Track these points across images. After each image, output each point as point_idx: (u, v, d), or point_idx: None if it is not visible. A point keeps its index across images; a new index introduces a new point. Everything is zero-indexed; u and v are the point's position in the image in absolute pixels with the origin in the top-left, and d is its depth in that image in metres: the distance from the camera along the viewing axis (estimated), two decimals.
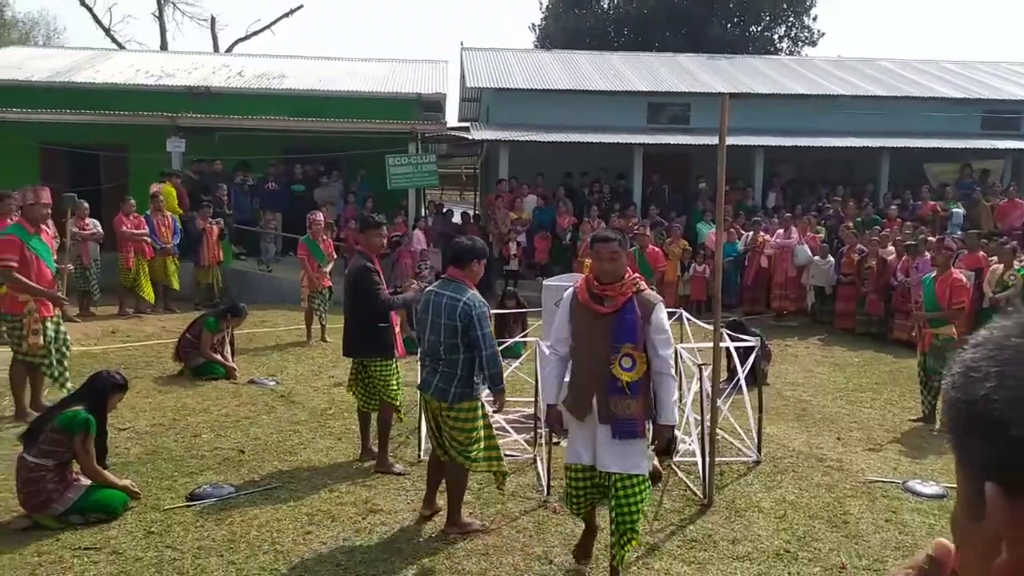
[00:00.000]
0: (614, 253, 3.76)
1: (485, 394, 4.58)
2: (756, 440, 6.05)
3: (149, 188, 12.65)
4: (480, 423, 4.47)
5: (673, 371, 3.83)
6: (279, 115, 15.66)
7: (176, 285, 12.08)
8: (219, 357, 8.10)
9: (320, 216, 10.62)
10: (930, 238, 11.47)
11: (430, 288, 4.58)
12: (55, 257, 6.70)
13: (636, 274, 3.88)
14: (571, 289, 3.95)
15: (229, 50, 31.52)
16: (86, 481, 4.60)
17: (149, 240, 11.63)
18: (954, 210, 14.58)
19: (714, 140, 4.92)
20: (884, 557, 4.34)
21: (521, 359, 7.37)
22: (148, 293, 11.63)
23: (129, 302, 11.60)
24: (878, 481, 5.55)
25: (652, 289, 13.02)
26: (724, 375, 6.80)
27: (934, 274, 7.17)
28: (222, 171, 14.60)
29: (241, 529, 4.48)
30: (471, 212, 18.20)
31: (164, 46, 31.98)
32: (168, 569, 3.99)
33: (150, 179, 13.31)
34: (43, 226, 6.48)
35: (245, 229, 14.63)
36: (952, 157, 16.79)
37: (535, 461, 5.69)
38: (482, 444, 4.49)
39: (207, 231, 12.24)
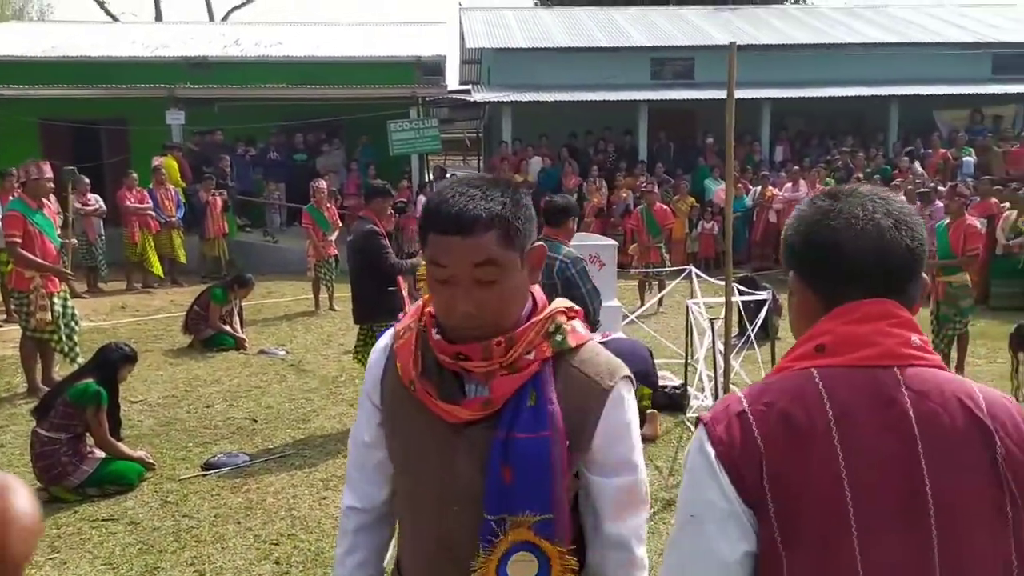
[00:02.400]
0: (485, 260, 1.26)
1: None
2: None
3: (151, 162, 12.58)
4: None
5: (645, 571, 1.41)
6: (278, 83, 15.48)
7: (183, 259, 12.06)
8: (228, 328, 8.09)
9: (323, 184, 10.55)
10: (940, 187, 11.31)
11: None
12: (59, 232, 6.67)
13: (559, 305, 1.40)
14: (385, 342, 1.45)
15: (224, 18, 31.10)
16: (100, 454, 4.62)
17: (153, 214, 11.59)
18: (965, 158, 14.37)
19: (719, 94, 4.83)
20: None
21: None
22: (156, 267, 11.62)
23: (136, 277, 11.60)
24: None
25: (660, 252, 12.39)
26: (735, 330, 6.76)
27: (947, 221, 7.06)
28: (223, 142, 14.49)
29: (257, 496, 4.50)
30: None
31: (159, 16, 31.57)
32: (186, 537, 4.02)
33: (151, 152, 13.23)
34: (45, 201, 6.43)
35: (248, 200, 14.57)
36: (963, 103, 16.50)
37: None
38: None
39: (211, 203, 12.18)
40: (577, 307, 1.39)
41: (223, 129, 14.61)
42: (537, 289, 1.39)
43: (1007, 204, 10.29)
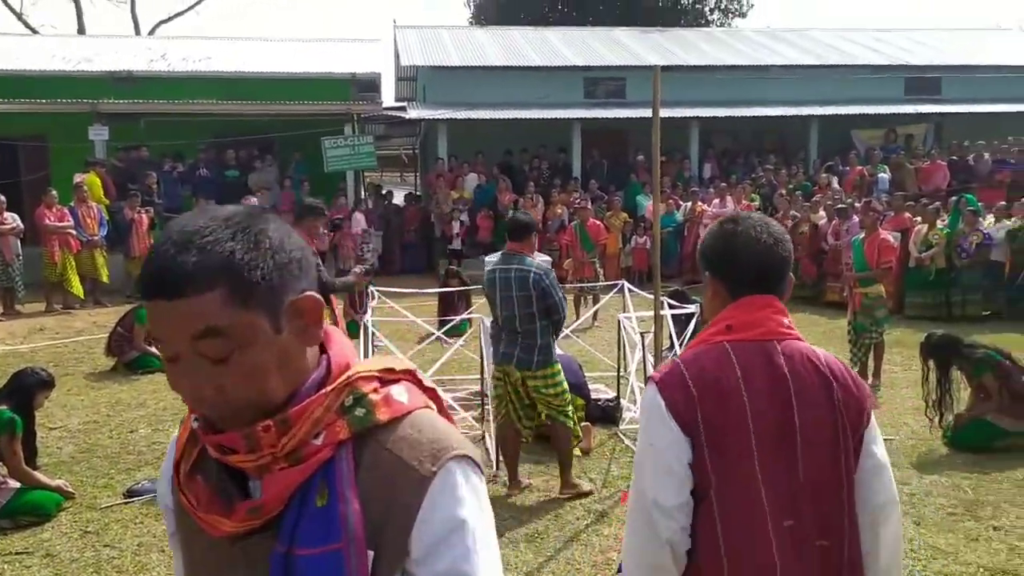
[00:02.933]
0: (204, 330, 0.94)
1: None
2: None
3: (72, 179, 12.15)
4: (565, 384, 4.70)
5: None
6: (207, 99, 15.16)
7: (105, 278, 11.66)
8: (154, 349, 7.84)
9: (254, 201, 10.38)
10: (856, 203, 11.83)
11: (493, 265, 4.71)
12: None
13: (367, 367, 1.05)
14: (177, 431, 1.14)
15: (151, 33, 30.35)
16: (15, 484, 4.42)
17: (74, 233, 11.19)
18: (880, 175, 15.05)
19: (650, 113, 4.96)
20: None
21: (466, 336, 7.35)
22: (76, 287, 11.19)
23: (56, 298, 11.15)
24: None
25: (594, 267, 12.87)
26: (667, 343, 6.92)
27: (862, 235, 7.40)
28: (149, 158, 14.11)
29: None
30: (414, 192, 18.07)
31: (82, 30, 30.57)
32: (107, 568, 3.87)
33: (73, 169, 12.79)
34: None
35: (176, 218, 14.18)
36: (877, 123, 17.33)
37: (483, 437, 5.71)
38: (569, 405, 4.78)
39: (136, 221, 11.82)
40: (402, 368, 1.08)
41: (149, 145, 14.21)
42: (338, 347, 1.06)
43: (919, 218, 10.83)
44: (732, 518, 1.57)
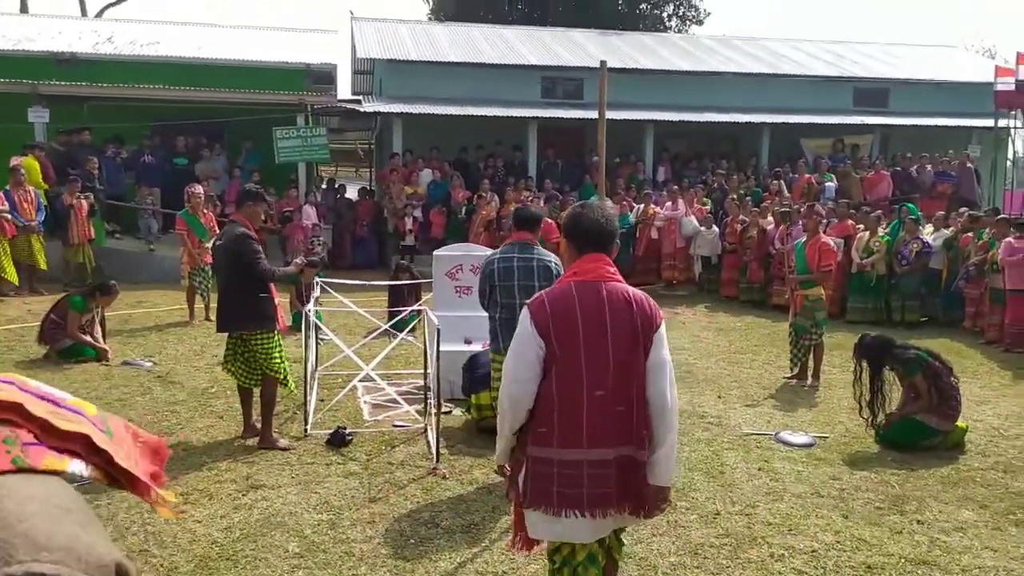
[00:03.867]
0: None
1: None
2: None
3: (9, 161, 11.72)
4: None
5: None
6: (154, 83, 14.77)
7: (43, 265, 11.25)
8: (88, 338, 7.60)
9: (199, 188, 10.12)
10: (801, 209, 12.07)
11: (506, 254, 4.65)
12: None
13: None
14: None
15: (99, 15, 29.45)
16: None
17: (10, 217, 10.77)
18: (827, 183, 15.41)
19: (608, 114, 4.98)
20: (755, 502, 4.56)
21: (409, 329, 7.31)
22: (11, 274, 10.78)
23: None
24: (753, 434, 5.84)
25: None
26: None
27: (805, 239, 7.55)
28: (91, 143, 13.67)
29: (107, 512, 4.23)
30: (367, 187, 17.87)
31: (24, 8, 29.50)
32: None
33: (11, 152, 12.33)
34: None
35: (118, 205, 13.78)
36: (826, 132, 17.74)
37: (425, 431, 5.66)
38: None
39: (76, 207, 11.44)
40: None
41: (91, 129, 13.78)
42: None
43: (862, 226, 11.11)
44: (562, 386, 2.60)
